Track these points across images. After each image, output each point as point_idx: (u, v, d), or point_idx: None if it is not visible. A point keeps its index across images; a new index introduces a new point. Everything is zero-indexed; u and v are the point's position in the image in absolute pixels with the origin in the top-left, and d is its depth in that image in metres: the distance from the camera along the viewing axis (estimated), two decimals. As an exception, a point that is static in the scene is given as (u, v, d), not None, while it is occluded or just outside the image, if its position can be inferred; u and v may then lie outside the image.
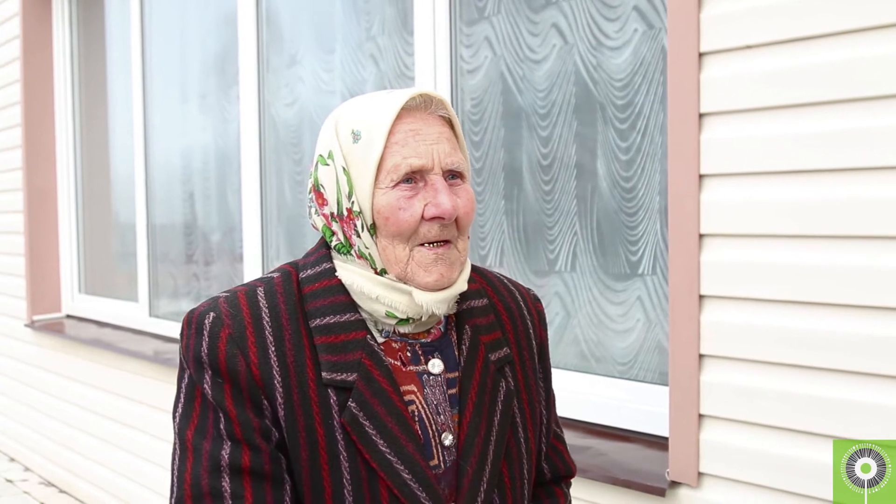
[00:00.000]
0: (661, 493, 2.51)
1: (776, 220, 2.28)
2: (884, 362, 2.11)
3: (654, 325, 2.84)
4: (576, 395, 2.93)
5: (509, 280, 1.60)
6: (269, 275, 1.43)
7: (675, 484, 2.51)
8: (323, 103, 4.17)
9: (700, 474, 2.46)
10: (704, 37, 2.38)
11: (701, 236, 2.41)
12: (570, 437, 2.81)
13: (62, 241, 6.17)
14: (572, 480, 1.70)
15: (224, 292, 1.39)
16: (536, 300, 1.61)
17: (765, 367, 2.32)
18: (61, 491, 5.89)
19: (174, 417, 1.36)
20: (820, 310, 2.21)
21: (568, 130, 3.06)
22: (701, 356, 2.43)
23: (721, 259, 2.39)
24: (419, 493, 1.31)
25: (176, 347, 4.56)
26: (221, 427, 1.30)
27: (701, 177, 2.40)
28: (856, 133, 2.13)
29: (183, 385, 1.35)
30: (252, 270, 4.47)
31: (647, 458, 2.64)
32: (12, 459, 6.59)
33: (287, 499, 1.30)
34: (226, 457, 1.28)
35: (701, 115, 2.39)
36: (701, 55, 2.38)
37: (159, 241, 5.40)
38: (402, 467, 1.30)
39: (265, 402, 1.30)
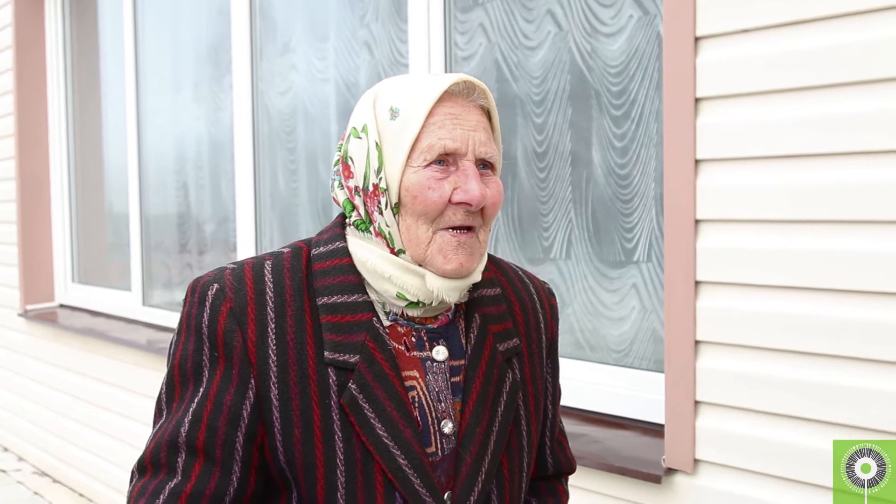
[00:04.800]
0: (656, 480, 2.50)
1: (772, 205, 2.27)
2: (881, 348, 2.11)
3: (649, 312, 2.84)
4: (571, 382, 2.92)
5: (524, 272, 1.59)
6: (280, 249, 1.42)
7: (670, 471, 2.51)
8: (317, 91, 4.15)
9: (696, 461, 2.46)
10: (700, 21, 2.36)
11: (697, 222, 2.41)
12: (566, 425, 2.80)
13: (55, 231, 6.15)
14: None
15: (231, 263, 1.39)
16: (551, 294, 1.60)
17: (761, 353, 2.31)
18: (55, 481, 5.88)
19: (164, 382, 1.37)
20: (817, 295, 2.21)
21: (563, 118, 3.05)
22: (697, 342, 2.43)
23: (717, 245, 2.38)
24: (413, 478, 1.30)
25: (169, 337, 4.55)
26: (195, 401, 1.31)
27: (697, 162, 2.39)
28: (853, 117, 2.12)
29: (178, 352, 1.35)
30: (246, 259, 4.45)
31: (642, 446, 2.64)
32: (6, 449, 6.58)
33: (231, 489, 1.30)
34: (183, 433, 1.30)
35: (697, 100, 2.38)
36: (697, 39, 2.37)
37: (153, 230, 5.38)
38: (398, 452, 1.30)
39: (253, 381, 1.30)
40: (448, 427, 1.36)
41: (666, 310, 2.50)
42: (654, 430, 2.67)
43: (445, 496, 1.34)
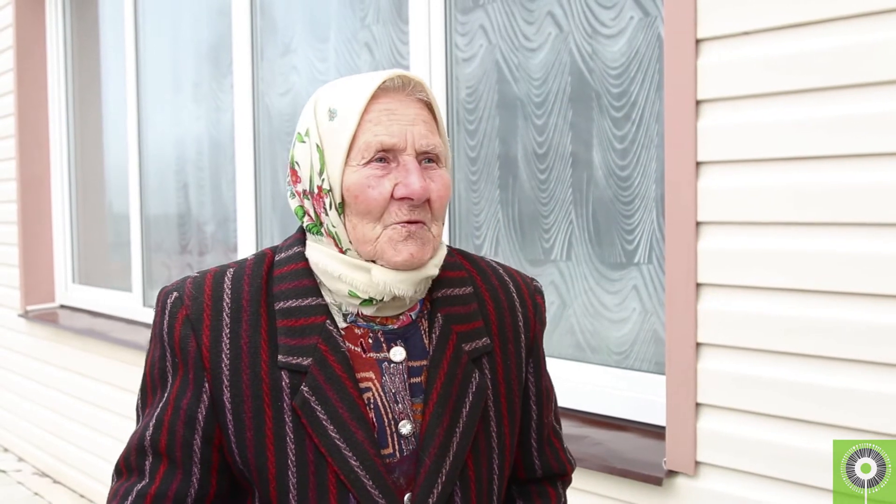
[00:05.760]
0: (657, 482, 2.50)
1: (774, 207, 2.27)
2: (884, 350, 2.10)
3: (649, 314, 2.83)
4: (572, 384, 2.92)
5: (507, 270, 1.56)
6: (247, 256, 1.46)
7: (672, 473, 2.51)
8: (317, 92, 4.14)
9: (697, 463, 2.46)
10: (701, 23, 2.36)
11: (698, 224, 2.40)
12: (567, 427, 2.79)
13: (56, 231, 6.14)
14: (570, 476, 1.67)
15: (197, 272, 1.43)
16: (536, 292, 1.56)
17: (763, 355, 2.31)
18: (55, 481, 5.88)
19: (139, 390, 1.42)
20: (818, 297, 2.20)
21: (563, 119, 3.05)
22: (698, 344, 2.43)
23: (718, 247, 2.38)
24: (366, 480, 1.31)
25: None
26: (159, 406, 1.35)
27: (698, 164, 2.39)
28: (854, 119, 2.12)
29: (148, 360, 1.40)
30: (246, 260, 4.45)
31: (643, 448, 2.64)
32: (6, 450, 6.58)
33: (192, 491, 1.35)
34: (148, 437, 1.35)
35: (698, 102, 2.38)
36: (698, 41, 2.37)
37: (153, 231, 5.38)
38: (350, 454, 1.30)
39: (207, 385, 1.33)
40: (406, 428, 1.36)
41: (667, 312, 2.49)
42: (655, 432, 2.67)
43: (406, 498, 1.34)
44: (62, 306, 6.12)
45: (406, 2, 3.50)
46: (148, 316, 5.22)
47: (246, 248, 4.47)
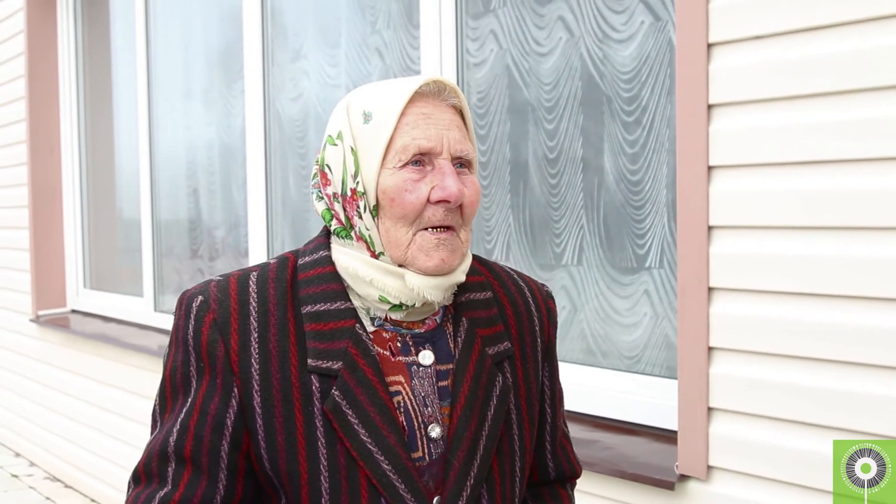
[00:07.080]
0: (669, 486, 2.50)
1: (785, 211, 2.27)
2: (895, 354, 2.10)
3: (661, 318, 2.83)
4: (583, 388, 2.92)
5: (520, 275, 1.58)
6: (267, 261, 1.45)
7: (684, 477, 2.50)
8: (328, 97, 4.16)
9: (709, 468, 2.45)
10: (713, 27, 2.36)
11: (710, 228, 2.40)
12: (578, 431, 2.80)
13: (67, 237, 6.17)
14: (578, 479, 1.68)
15: (219, 276, 1.41)
16: (549, 297, 1.58)
17: (775, 359, 2.31)
18: (66, 486, 5.90)
19: (157, 394, 1.39)
20: (831, 301, 2.20)
21: (574, 124, 3.05)
22: (710, 349, 2.42)
23: (730, 251, 2.38)
24: (398, 484, 1.30)
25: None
26: (183, 411, 1.33)
27: (710, 168, 2.39)
28: (866, 123, 2.12)
29: (168, 364, 1.38)
30: (257, 265, 4.46)
31: (655, 452, 2.63)
32: (17, 455, 6.60)
33: (218, 497, 1.33)
34: (172, 443, 1.32)
35: (710, 107, 2.38)
36: (710, 46, 2.37)
37: (164, 236, 5.39)
38: (382, 458, 1.30)
39: (236, 390, 1.32)
40: (435, 431, 1.36)
41: (679, 315, 2.49)
42: (667, 436, 2.66)
43: (434, 501, 1.34)
44: (73, 311, 6.14)
45: (417, 6, 3.51)
46: (159, 321, 5.24)
47: (256, 253, 4.48)
